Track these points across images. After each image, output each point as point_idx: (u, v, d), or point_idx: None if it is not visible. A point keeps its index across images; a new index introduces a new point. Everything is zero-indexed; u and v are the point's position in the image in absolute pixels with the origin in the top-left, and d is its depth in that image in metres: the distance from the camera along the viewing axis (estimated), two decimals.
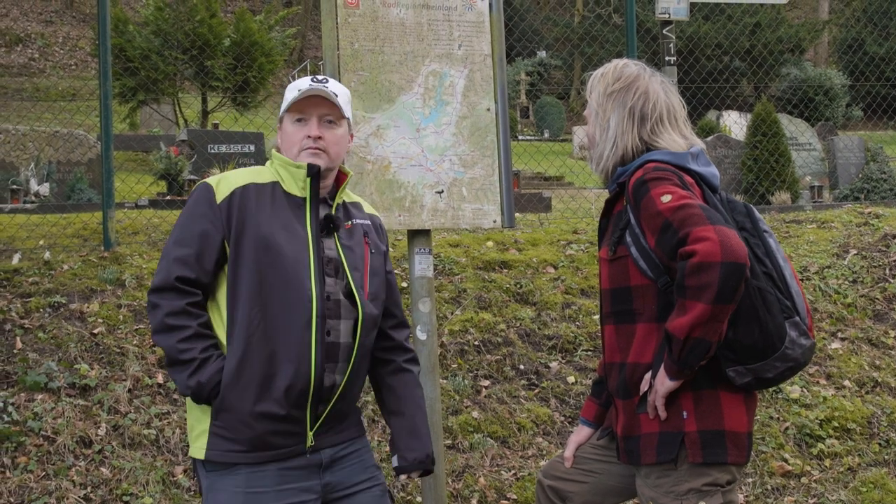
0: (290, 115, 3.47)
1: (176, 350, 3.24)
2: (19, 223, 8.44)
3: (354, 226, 3.52)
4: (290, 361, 3.22)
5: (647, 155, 3.44)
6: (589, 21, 35.64)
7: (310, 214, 3.37)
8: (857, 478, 6.11)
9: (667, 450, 3.27)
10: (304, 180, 3.40)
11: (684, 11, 9.55)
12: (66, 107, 23.06)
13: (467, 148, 4.47)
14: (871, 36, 33.85)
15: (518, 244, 8.40)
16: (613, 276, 3.45)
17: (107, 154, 7.91)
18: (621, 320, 3.43)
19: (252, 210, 3.31)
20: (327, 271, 3.33)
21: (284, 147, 3.48)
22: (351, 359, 3.33)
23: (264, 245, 3.26)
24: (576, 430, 3.89)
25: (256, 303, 3.24)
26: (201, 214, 3.33)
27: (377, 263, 3.51)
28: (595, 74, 3.68)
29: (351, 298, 3.35)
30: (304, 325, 3.24)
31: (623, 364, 3.41)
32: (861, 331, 7.56)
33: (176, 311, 3.26)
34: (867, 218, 9.50)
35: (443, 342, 6.68)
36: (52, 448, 5.45)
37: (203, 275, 3.29)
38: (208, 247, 3.29)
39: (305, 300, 3.25)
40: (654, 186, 3.26)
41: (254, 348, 3.23)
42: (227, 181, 3.39)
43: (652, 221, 3.22)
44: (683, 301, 3.08)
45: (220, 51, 22.82)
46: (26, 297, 6.57)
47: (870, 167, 17.31)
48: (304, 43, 41.50)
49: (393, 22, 4.44)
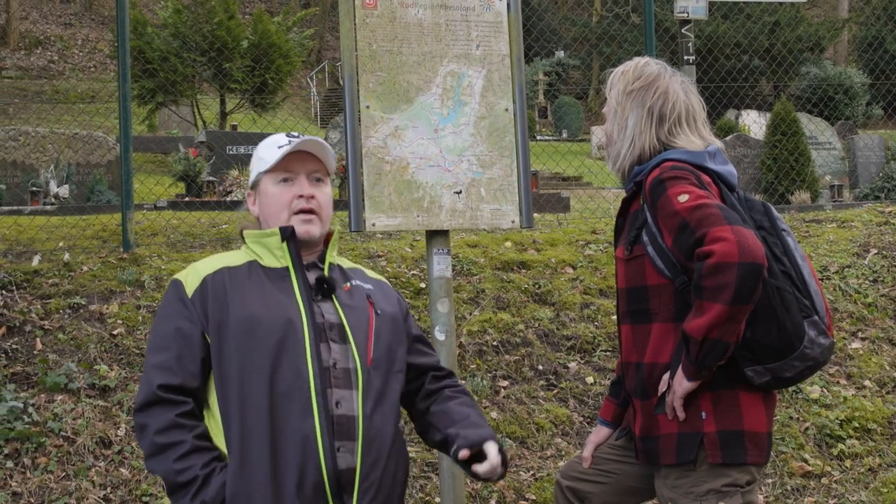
0: (272, 176, 3.11)
1: (173, 472, 2.83)
2: (39, 225, 8.48)
3: (355, 287, 3.15)
4: (295, 451, 2.82)
5: (665, 154, 3.43)
6: (607, 21, 35.60)
7: (296, 281, 3.01)
8: (878, 478, 6.08)
9: (686, 450, 3.25)
10: (281, 247, 3.06)
11: (703, 10, 9.51)
12: (86, 109, 23.17)
13: (485, 148, 4.46)
14: (891, 34, 33.69)
15: (536, 244, 8.39)
16: (630, 276, 3.42)
17: (126, 156, 7.94)
18: (637, 320, 3.41)
19: (228, 295, 2.96)
20: (330, 337, 2.96)
21: (268, 213, 3.11)
22: (358, 435, 2.89)
23: (245, 328, 2.90)
24: (594, 430, 3.86)
25: (247, 394, 2.86)
26: (175, 313, 2.99)
27: (385, 328, 3.10)
28: (616, 72, 3.65)
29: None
30: (304, 404, 2.85)
31: (640, 364, 3.39)
32: (882, 330, 7.52)
33: (165, 428, 2.86)
34: (888, 217, 9.46)
35: (461, 343, 6.68)
36: (72, 449, 5.47)
37: (189, 378, 2.92)
38: (188, 346, 2.93)
39: (301, 376, 2.87)
40: (671, 186, 3.24)
41: (253, 447, 2.83)
42: (195, 272, 3.04)
43: (669, 221, 3.21)
44: (700, 302, 3.06)
45: (239, 52, 22.88)
46: (46, 298, 6.59)
47: (890, 166, 17.22)
48: (322, 44, 41.62)
49: (411, 22, 4.44)
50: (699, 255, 3.06)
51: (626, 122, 3.52)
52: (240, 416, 2.85)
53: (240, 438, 2.84)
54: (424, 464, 5.76)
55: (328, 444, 2.82)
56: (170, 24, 23.14)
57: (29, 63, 36.26)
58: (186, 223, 9.02)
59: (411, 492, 5.54)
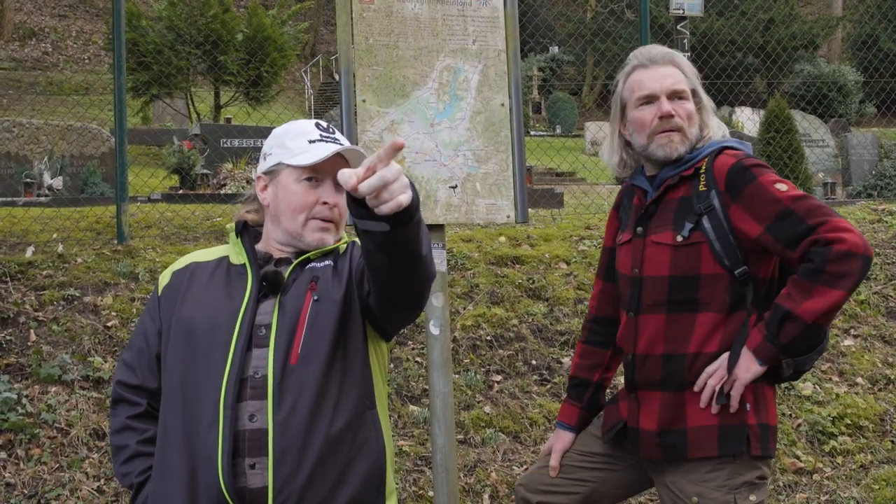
0: (295, 171, 2.85)
1: (120, 475, 2.85)
2: (33, 216, 8.47)
3: (303, 273, 2.83)
4: (205, 468, 2.62)
5: (720, 142, 3.40)
6: (602, 17, 35.61)
7: (251, 279, 2.80)
8: (870, 475, 6.11)
9: (732, 442, 3.22)
10: (237, 242, 2.91)
11: (699, 7, 9.54)
12: (80, 101, 23.13)
13: (481, 143, 4.47)
14: (885, 32, 33.72)
15: (530, 240, 8.40)
16: (679, 263, 3.30)
17: (121, 148, 7.94)
18: (679, 309, 3.31)
19: (182, 294, 2.84)
20: (258, 342, 2.71)
21: (282, 209, 2.86)
22: (269, 450, 2.61)
23: (181, 331, 2.77)
24: (555, 436, 3.77)
25: (175, 398, 2.73)
26: (146, 310, 2.95)
27: (323, 315, 2.75)
28: (668, 51, 3.52)
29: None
30: (211, 416, 2.64)
31: (672, 355, 3.30)
32: (874, 328, 7.55)
33: (118, 429, 2.88)
34: (881, 215, 9.48)
35: (455, 337, 6.69)
36: (66, 440, 5.48)
37: (148, 378, 2.87)
38: (148, 344, 2.88)
39: (213, 385, 2.67)
40: (761, 174, 3.21)
41: (169, 458, 2.70)
42: (173, 266, 2.97)
43: (764, 209, 3.15)
44: (817, 286, 3.04)
45: (233, 45, 22.86)
46: (40, 289, 6.60)
47: (883, 164, 17.25)
48: (317, 38, 41.55)
49: (408, 17, 4.44)
50: (819, 242, 3.05)
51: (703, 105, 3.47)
52: (164, 418, 2.76)
53: (161, 447, 2.74)
54: (417, 457, 5.77)
55: (227, 461, 2.58)
56: (164, 16, 23.09)
57: (23, 54, 36.14)
58: (180, 216, 9.02)
59: (404, 486, 5.55)
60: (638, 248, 3.44)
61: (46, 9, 40.66)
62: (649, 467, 3.47)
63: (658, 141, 3.38)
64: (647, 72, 3.43)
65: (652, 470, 3.47)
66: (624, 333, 3.50)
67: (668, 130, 3.35)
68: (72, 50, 37.70)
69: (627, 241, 3.52)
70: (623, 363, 3.55)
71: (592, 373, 3.76)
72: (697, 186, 3.31)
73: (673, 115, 3.34)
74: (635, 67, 3.48)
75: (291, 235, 2.85)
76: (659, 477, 3.42)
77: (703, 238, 3.26)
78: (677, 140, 3.35)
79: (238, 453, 2.62)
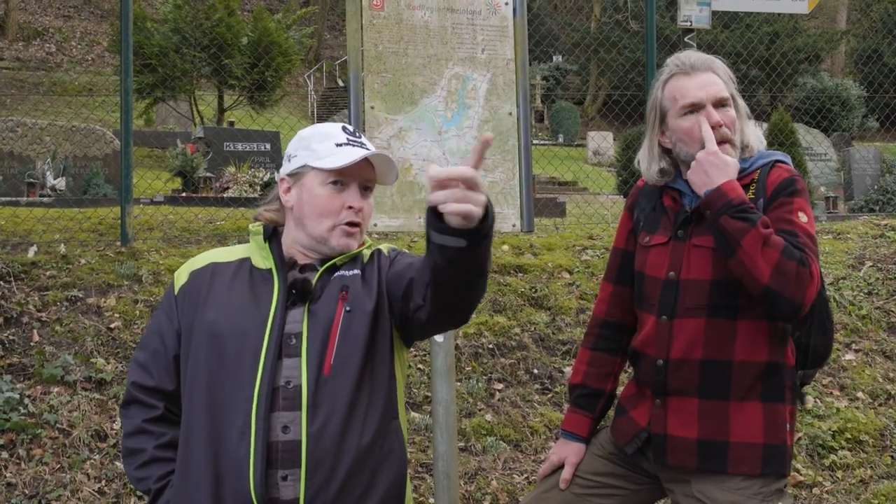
0: (322, 174, 2.78)
1: (135, 479, 2.79)
2: (36, 216, 8.48)
3: (331, 282, 2.79)
4: (233, 478, 2.61)
5: (772, 154, 3.39)
6: (607, 27, 35.64)
7: (278, 286, 2.75)
8: (870, 490, 6.11)
9: (775, 463, 3.22)
10: (264, 247, 2.84)
11: (706, 19, 9.53)
12: (84, 102, 23.16)
13: (488, 152, 4.47)
14: (889, 47, 33.72)
15: (533, 249, 8.41)
16: (721, 267, 3.21)
17: (126, 150, 7.95)
18: (719, 314, 3.25)
19: (203, 296, 2.78)
20: (289, 352, 2.69)
21: (307, 213, 2.79)
22: (302, 462, 2.61)
23: (207, 335, 2.71)
24: (566, 447, 3.62)
25: (195, 408, 2.70)
26: (162, 309, 2.87)
27: (356, 323, 2.74)
28: (715, 59, 3.44)
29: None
30: (242, 427, 2.61)
31: (714, 361, 3.24)
32: (875, 343, 7.55)
33: (133, 432, 2.81)
34: (883, 230, 9.49)
35: (457, 345, 6.69)
36: (68, 441, 5.48)
37: (164, 380, 2.81)
38: (164, 345, 2.81)
39: (245, 395, 2.63)
40: (800, 196, 3.24)
41: (192, 466, 2.67)
42: (190, 265, 2.90)
43: (781, 219, 3.18)
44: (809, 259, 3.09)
45: (238, 49, 22.89)
46: (44, 290, 6.60)
47: (885, 179, 17.25)
48: (321, 43, 41.58)
49: (417, 25, 4.45)
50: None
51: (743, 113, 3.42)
52: (187, 425, 2.71)
53: (184, 453, 2.70)
54: (419, 465, 5.78)
55: (260, 473, 2.56)
56: (170, 19, 23.15)
57: (27, 54, 36.17)
58: (184, 218, 9.03)
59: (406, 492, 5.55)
60: (678, 251, 3.36)
61: (51, 9, 40.70)
62: (670, 476, 3.39)
63: None
64: (689, 79, 3.34)
65: (673, 480, 3.39)
66: (652, 337, 3.38)
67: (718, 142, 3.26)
68: (76, 51, 37.73)
69: (662, 243, 3.42)
70: (644, 368, 3.43)
71: (604, 382, 3.63)
72: (747, 194, 3.25)
73: (722, 124, 3.28)
74: (674, 74, 3.39)
75: (316, 240, 2.79)
76: (681, 486, 3.35)
77: None
78: (730, 151, 3.28)
79: (270, 464, 2.60)
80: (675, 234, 3.38)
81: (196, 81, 24.53)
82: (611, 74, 33.67)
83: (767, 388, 3.24)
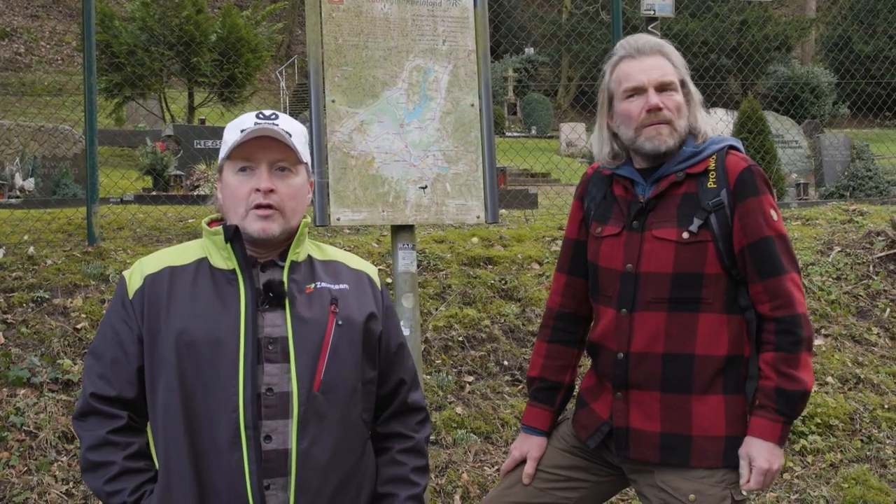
0: (231, 164, 2.75)
1: (104, 494, 2.65)
2: (3, 218, 8.42)
3: (318, 290, 2.77)
4: (224, 489, 2.58)
5: (721, 140, 3.33)
6: (576, 18, 35.67)
7: (243, 287, 2.68)
8: (839, 474, 6.13)
9: (735, 454, 3.21)
10: (225, 247, 2.73)
11: (669, 8, 9.54)
12: (52, 102, 22.99)
13: (451, 143, 4.46)
14: (857, 34, 33.98)
15: (503, 240, 8.41)
16: (683, 260, 3.20)
17: (91, 149, 7.89)
18: (681, 308, 3.22)
19: (164, 302, 2.68)
20: (269, 356, 2.64)
21: (227, 206, 2.76)
22: (291, 471, 2.60)
23: (184, 342, 2.62)
24: (526, 441, 3.60)
25: (171, 417, 2.61)
26: (115, 314, 2.75)
27: (345, 341, 2.72)
28: (659, 41, 3.39)
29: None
30: (231, 436, 2.57)
31: (676, 355, 3.21)
32: (844, 327, 7.58)
33: (97, 445, 2.67)
34: (852, 215, 9.53)
35: (427, 338, 6.68)
36: (35, 443, 5.44)
37: (125, 388, 2.69)
38: (125, 353, 2.69)
39: (230, 404, 2.58)
40: (765, 192, 3.22)
41: (176, 478, 2.60)
42: (140, 269, 2.77)
43: (755, 227, 3.17)
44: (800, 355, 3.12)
45: (207, 46, 22.78)
46: (9, 291, 6.55)
47: (855, 165, 17.38)
48: (292, 38, 41.45)
49: (377, 17, 4.43)
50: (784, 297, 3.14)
51: (691, 98, 3.36)
52: (164, 438, 2.64)
53: (164, 463, 2.63)
54: None
55: (256, 483, 2.55)
56: (137, 17, 23.00)
57: None
58: (153, 217, 8.98)
59: None
60: (634, 242, 3.31)
61: (19, 8, 40.38)
62: (633, 468, 3.38)
63: (646, 134, 3.25)
64: (635, 63, 3.31)
65: (636, 471, 3.38)
66: (611, 330, 3.35)
67: (656, 123, 3.24)
68: (44, 50, 37.47)
69: (615, 234, 3.37)
70: (604, 361, 3.40)
71: (563, 374, 3.60)
72: (706, 183, 3.23)
73: (661, 107, 3.24)
74: (622, 58, 3.36)
75: (241, 230, 2.73)
76: (645, 477, 3.34)
77: (709, 236, 3.19)
78: (666, 133, 3.24)
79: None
80: (629, 224, 3.34)
81: (165, 79, 24.41)
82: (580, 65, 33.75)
83: (728, 380, 3.22)
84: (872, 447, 6.41)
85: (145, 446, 2.72)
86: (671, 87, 3.29)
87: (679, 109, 3.30)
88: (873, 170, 16.85)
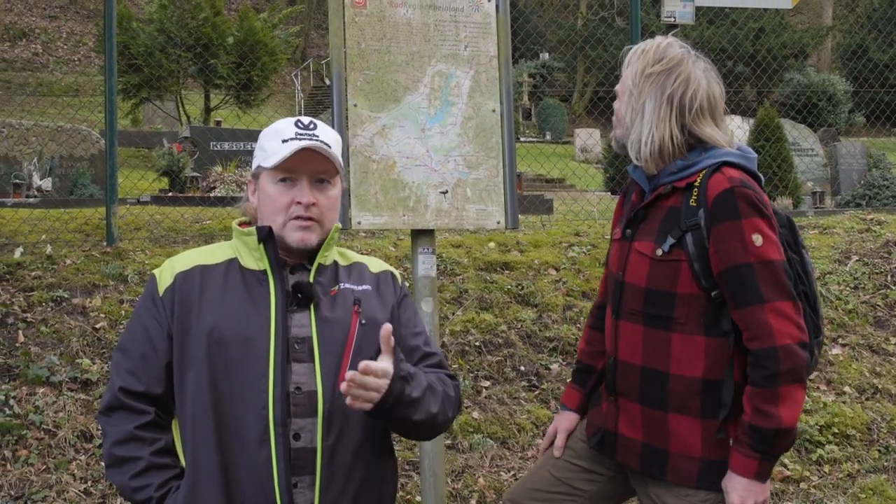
0: (271, 174, 2.78)
1: (130, 489, 2.68)
2: (22, 217, 8.45)
3: (342, 291, 2.83)
4: (250, 487, 2.62)
5: (719, 154, 3.18)
6: (593, 24, 35.65)
7: (273, 288, 2.73)
8: (857, 484, 6.12)
9: (710, 479, 3.14)
10: (258, 248, 2.78)
11: (690, 15, 9.51)
12: (70, 102, 23.10)
13: (472, 149, 4.47)
14: (874, 42, 33.88)
15: (520, 246, 8.40)
16: (656, 277, 3.16)
17: (111, 150, 7.92)
18: (653, 324, 3.18)
19: (195, 299, 2.72)
20: (297, 356, 2.69)
21: (266, 214, 2.79)
22: (316, 469, 2.65)
23: (214, 339, 2.66)
24: (559, 417, 3.69)
25: (200, 415, 2.65)
26: (145, 311, 2.78)
27: (369, 340, 2.73)
28: (635, 49, 3.34)
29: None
30: (260, 434, 2.62)
31: (652, 370, 3.18)
32: (862, 337, 7.56)
33: (123, 440, 2.69)
34: (869, 224, 9.51)
35: (444, 342, 6.68)
36: (53, 442, 5.46)
37: (153, 384, 2.72)
38: (154, 349, 2.73)
39: (260, 401, 2.63)
40: (749, 215, 3.04)
41: (202, 472, 2.64)
42: (170, 267, 2.81)
43: (730, 252, 3.03)
44: (779, 389, 2.96)
45: (224, 49, 22.87)
46: (29, 291, 6.57)
47: (872, 174, 17.32)
48: (307, 42, 41.54)
49: (400, 22, 4.44)
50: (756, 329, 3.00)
51: (642, 108, 3.22)
52: (192, 435, 2.67)
53: (192, 459, 2.66)
54: (405, 462, 5.77)
55: (284, 480, 2.59)
56: (155, 19, 23.11)
57: (13, 55, 36.08)
58: (170, 218, 9.01)
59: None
60: (624, 250, 3.32)
61: (37, 9, 40.58)
62: (630, 474, 3.42)
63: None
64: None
65: (633, 478, 3.41)
66: (608, 334, 3.40)
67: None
68: (62, 51, 37.65)
69: (618, 238, 3.39)
70: (606, 363, 3.43)
71: (597, 359, 3.64)
72: (688, 200, 3.14)
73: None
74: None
75: (278, 238, 2.78)
76: (642, 487, 3.36)
77: (682, 255, 3.10)
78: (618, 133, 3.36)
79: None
80: (623, 231, 3.36)
81: (182, 81, 24.50)
82: (597, 71, 33.69)
83: (706, 404, 3.14)
84: (890, 457, 6.39)
85: (171, 443, 2.74)
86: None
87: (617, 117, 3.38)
88: (890, 179, 16.78)
